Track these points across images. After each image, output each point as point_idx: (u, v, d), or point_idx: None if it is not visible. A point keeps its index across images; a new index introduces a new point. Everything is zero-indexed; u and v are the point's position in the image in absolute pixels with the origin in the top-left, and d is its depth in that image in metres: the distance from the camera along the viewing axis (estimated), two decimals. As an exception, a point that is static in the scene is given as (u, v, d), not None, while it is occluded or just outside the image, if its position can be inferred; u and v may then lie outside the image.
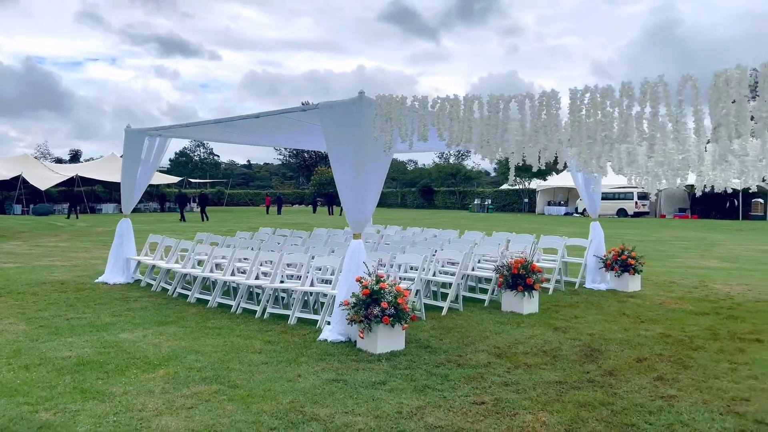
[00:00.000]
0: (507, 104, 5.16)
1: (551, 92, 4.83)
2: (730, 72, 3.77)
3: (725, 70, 3.78)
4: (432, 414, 4.41)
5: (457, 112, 5.45)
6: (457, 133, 5.47)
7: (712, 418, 4.40)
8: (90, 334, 6.70)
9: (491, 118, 5.23)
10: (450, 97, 5.53)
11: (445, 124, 5.55)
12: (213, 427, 4.12)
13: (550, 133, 4.79)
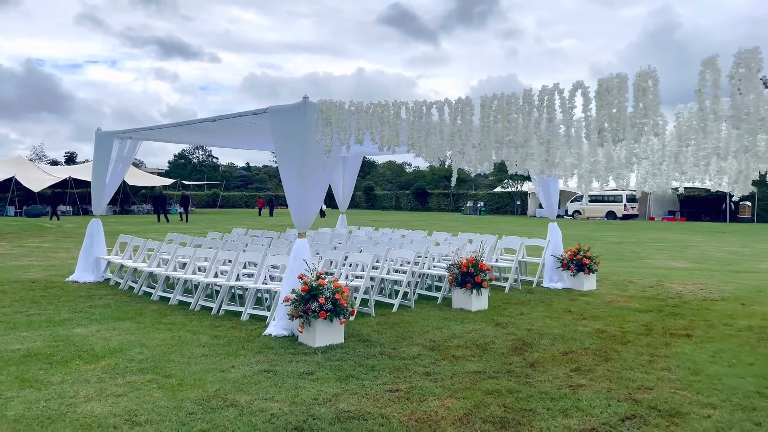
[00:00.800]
0: (429, 109, 5.45)
1: (466, 99, 5.12)
2: (611, 80, 4.05)
3: (607, 78, 4.06)
4: (346, 400, 4.69)
5: (387, 116, 5.75)
6: (387, 137, 5.77)
7: (608, 404, 4.68)
8: (45, 329, 6.98)
9: (414, 122, 5.52)
10: (381, 102, 5.82)
11: (377, 128, 5.84)
12: (134, 411, 4.40)
13: (464, 137, 5.07)
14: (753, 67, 3.48)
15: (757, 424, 4.32)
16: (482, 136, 4.91)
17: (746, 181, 4.92)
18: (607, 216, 44.19)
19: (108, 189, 10.74)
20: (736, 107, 3.49)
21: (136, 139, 10.76)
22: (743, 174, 4.96)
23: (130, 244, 10.74)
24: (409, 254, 8.71)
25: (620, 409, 4.56)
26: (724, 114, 3.57)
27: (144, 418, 4.28)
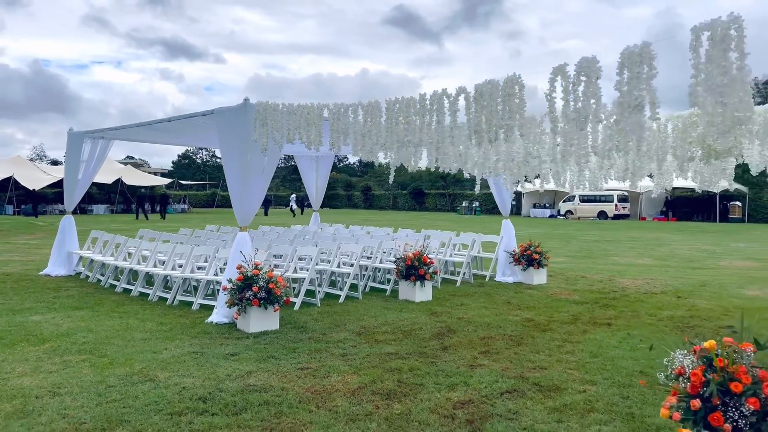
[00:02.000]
0: (346, 111, 5.89)
1: (375, 102, 5.56)
2: (484, 86, 4.47)
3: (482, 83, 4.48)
4: (256, 376, 5.13)
5: (312, 117, 6.19)
6: (313, 137, 6.21)
7: (496, 380, 5.11)
8: (5, 315, 7.45)
9: (334, 123, 5.96)
10: (307, 104, 6.27)
11: (304, 128, 6.28)
12: (59, 384, 4.85)
13: (374, 137, 5.51)
14: (592, 75, 3.90)
15: (624, 398, 4.74)
16: (386, 136, 5.36)
17: (633, 177, 5.34)
18: (598, 216, 44.46)
19: (80, 187, 11.21)
20: (578, 111, 3.91)
21: (107, 139, 11.23)
22: (629, 171, 5.37)
23: (100, 239, 11.21)
24: (357, 248, 9.15)
25: (504, 385, 4.99)
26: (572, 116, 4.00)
27: (66, 390, 4.73)
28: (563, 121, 4.04)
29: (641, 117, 3.73)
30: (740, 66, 3.29)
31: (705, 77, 3.35)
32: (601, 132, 4.16)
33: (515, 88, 4.34)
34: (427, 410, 4.39)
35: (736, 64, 3.31)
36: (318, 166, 14.53)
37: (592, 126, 3.99)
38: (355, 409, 4.39)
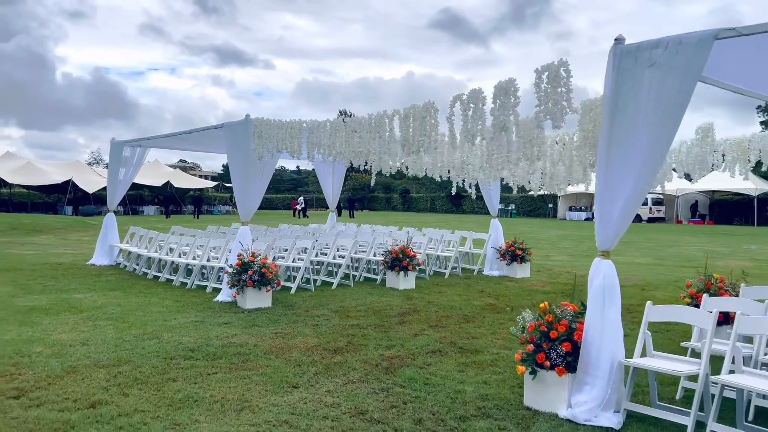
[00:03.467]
0: (318, 126, 7.21)
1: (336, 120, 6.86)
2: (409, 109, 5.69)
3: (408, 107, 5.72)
4: (238, 338, 6.50)
5: (294, 131, 7.55)
6: (295, 147, 7.57)
7: (427, 344, 6.30)
8: (52, 294, 9.10)
9: (309, 135, 7.29)
10: (290, 120, 7.63)
11: (287, 140, 7.63)
12: (88, 339, 6.33)
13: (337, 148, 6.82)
14: (478, 102, 5.06)
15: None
16: (345, 147, 6.65)
17: (551, 182, 6.47)
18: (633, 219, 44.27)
19: (120, 188, 12.94)
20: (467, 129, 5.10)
21: (144, 147, 12.93)
22: (548, 176, 6.50)
23: (137, 234, 12.90)
24: (349, 242, 10.46)
25: (433, 347, 6.20)
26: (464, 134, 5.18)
27: (92, 342, 6.21)
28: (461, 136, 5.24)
29: (510, 136, 4.91)
30: (567, 98, 4.44)
31: (544, 107, 4.50)
32: (484, 146, 5.33)
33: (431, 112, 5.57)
34: (360, 361, 5.65)
35: (565, 97, 4.45)
36: (334, 171, 15.90)
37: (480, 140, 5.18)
38: (304, 359, 5.69)
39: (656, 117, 3.97)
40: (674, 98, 3.91)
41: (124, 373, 5.16)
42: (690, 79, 3.86)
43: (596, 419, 4.13)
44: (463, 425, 4.13)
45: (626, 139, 4.10)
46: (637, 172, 4.08)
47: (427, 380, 5.10)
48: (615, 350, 4.25)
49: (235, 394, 4.66)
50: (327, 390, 4.82)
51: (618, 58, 4.13)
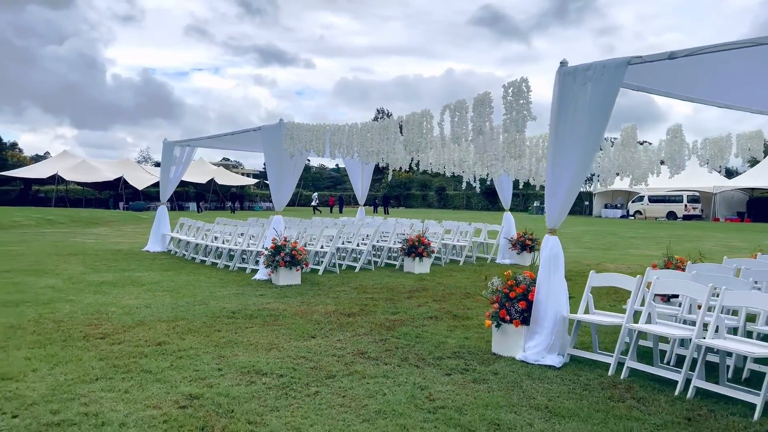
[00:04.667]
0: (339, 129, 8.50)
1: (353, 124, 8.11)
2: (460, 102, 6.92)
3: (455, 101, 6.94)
4: (271, 305, 7.85)
5: (319, 132, 8.86)
6: (320, 147, 8.89)
7: (427, 312, 7.51)
8: (116, 272, 10.69)
9: (332, 137, 8.60)
10: (315, 124, 8.95)
11: (313, 141, 8.96)
12: (149, 304, 7.79)
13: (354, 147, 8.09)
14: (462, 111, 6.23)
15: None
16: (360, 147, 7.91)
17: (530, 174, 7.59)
18: (667, 216, 44.13)
19: (171, 183, 14.56)
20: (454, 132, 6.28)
21: (192, 147, 14.50)
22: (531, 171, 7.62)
23: (186, 224, 14.49)
24: (371, 231, 11.75)
25: (431, 314, 7.41)
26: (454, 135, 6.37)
27: (153, 306, 7.66)
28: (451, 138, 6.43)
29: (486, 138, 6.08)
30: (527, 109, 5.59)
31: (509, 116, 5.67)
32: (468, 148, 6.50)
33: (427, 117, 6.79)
34: (368, 322, 6.92)
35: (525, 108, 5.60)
36: (363, 168, 17.18)
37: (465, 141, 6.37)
38: (322, 319, 6.99)
39: (588, 122, 5.10)
40: (600, 106, 5.04)
41: (180, 326, 6.57)
42: (611, 92, 4.98)
43: (542, 360, 5.29)
44: (439, 362, 5.35)
45: (566, 141, 5.23)
46: (574, 167, 5.21)
47: (418, 335, 6.33)
48: (559, 307, 5.40)
49: (266, 340, 6.00)
50: (338, 339, 6.11)
51: (561, 78, 5.27)
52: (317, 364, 5.23)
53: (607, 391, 4.63)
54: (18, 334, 6.05)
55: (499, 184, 13.30)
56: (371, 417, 4.02)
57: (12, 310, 7.26)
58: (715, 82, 5.89)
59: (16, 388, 4.43)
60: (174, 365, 5.09)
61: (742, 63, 4.93)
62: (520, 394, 4.54)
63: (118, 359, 5.23)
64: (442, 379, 4.88)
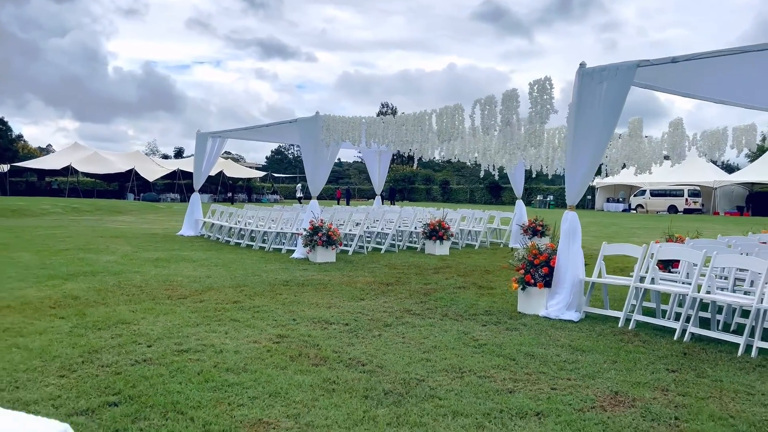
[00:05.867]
0: (373, 122, 9.47)
1: (389, 117, 9.07)
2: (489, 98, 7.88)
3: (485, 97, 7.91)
4: (316, 277, 8.85)
5: (356, 124, 9.84)
6: (356, 137, 9.86)
7: (456, 283, 8.51)
8: (164, 252, 11.70)
9: (369, 128, 9.58)
10: (351, 117, 9.93)
11: (350, 132, 9.94)
12: (209, 275, 8.79)
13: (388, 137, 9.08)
14: (492, 105, 7.21)
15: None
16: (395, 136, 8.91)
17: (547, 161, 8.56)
18: (668, 210, 45.03)
19: (204, 172, 15.55)
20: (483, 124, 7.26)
21: (223, 138, 15.48)
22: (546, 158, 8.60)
23: (218, 210, 15.49)
24: (395, 216, 12.74)
25: (459, 285, 8.41)
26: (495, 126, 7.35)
27: (214, 276, 8.67)
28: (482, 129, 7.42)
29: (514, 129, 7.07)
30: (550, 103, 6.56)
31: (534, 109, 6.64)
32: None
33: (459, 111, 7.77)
34: (406, 290, 7.92)
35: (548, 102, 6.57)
36: (380, 159, 18.17)
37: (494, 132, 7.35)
38: (366, 287, 7.99)
39: (603, 114, 6.08)
40: (614, 101, 6.02)
41: (245, 290, 7.58)
42: (624, 89, 5.96)
43: (563, 315, 6.29)
44: (474, 317, 6.35)
45: (583, 133, 6.22)
46: (591, 153, 6.20)
47: (452, 299, 7.34)
48: (576, 271, 6.40)
49: (323, 301, 7.01)
50: (384, 301, 7.11)
51: (580, 77, 6.25)
52: (373, 317, 6.23)
53: (618, 337, 5.63)
54: (110, 295, 7.06)
55: (512, 174, 14.28)
56: (429, 350, 5.02)
57: (92, 278, 8.27)
58: (713, 82, 6.85)
59: (138, 329, 5.44)
60: (255, 317, 6.10)
61: (737, 64, 5.89)
62: (547, 337, 5.54)
63: (207, 313, 6.24)
64: (479, 328, 5.88)
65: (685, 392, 4.09)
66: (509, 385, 4.13)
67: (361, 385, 4.06)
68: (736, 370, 4.64)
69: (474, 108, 7.48)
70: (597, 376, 4.42)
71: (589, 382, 4.27)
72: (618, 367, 4.64)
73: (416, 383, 4.13)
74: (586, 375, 4.43)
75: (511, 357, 4.85)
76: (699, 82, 6.79)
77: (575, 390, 4.07)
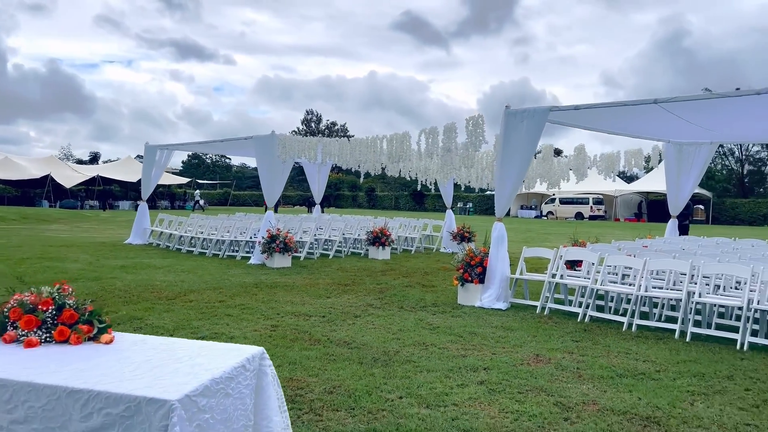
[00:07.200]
0: (329, 143, 10.81)
1: (343, 139, 10.44)
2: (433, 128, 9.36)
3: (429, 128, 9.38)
4: (280, 280, 10.03)
5: (310, 143, 11.11)
6: (311, 155, 11.13)
7: (402, 283, 9.98)
8: (125, 259, 12.42)
9: (325, 147, 10.88)
10: (306, 138, 11.19)
11: (305, 149, 11.20)
12: (181, 280, 9.75)
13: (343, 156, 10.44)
14: (436, 135, 8.74)
15: (462, 289, 9.60)
16: (349, 156, 10.27)
17: (478, 181, 10.21)
18: (576, 216, 48.92)
19: (152, 183, 16.22)
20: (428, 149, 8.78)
21: (170, 150, 16.21)
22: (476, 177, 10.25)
23: (166, 219, 16.18)
24: (342, 225, 14.08)
25: (406, 284, 9.87)
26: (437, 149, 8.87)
27: (186, 281, 9.64)
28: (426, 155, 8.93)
29: (452, 154, 8.62)
30: (482, 135, 8.16)
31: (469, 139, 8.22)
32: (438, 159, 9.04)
33: (407, 137, 9.27)
34: (363, 289, 9.28)
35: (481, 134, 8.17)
36: (320, 170, 19.41)
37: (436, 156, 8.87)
38: (328, 288, 9.29)
39: (523, 147, 7.74)
40: (532, 135, 7.70)
41: (224, 291, 8.68)
42: (539, 126, 7.65)
43: (494, 305, 7.88)
44: (424, 308, 7.81)
45: (509, 159, 7.85)
46: (513, 177, 7.84)
47: (403, 295, 8.78)
48: (504, 270, 8.02)
49: (296, 299, 8.25)
50: (347, 298, 8.45)
51: (506, 116, 7.89)
52: (342, 310, 7.56)
53: (536, 319, 7.27)
54: (104, 298, 7.96)
55: (444, 187, 15.99)
56: (397, 332, 6.42)
57: (74, 284, 9.01)
58: (606, 121, 8.73)
59: (151, 323, 6.48)
60: (244, 312, 7.26)
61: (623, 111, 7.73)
62: (484, 321, 7.09)
63: (201, 310, 7.33)
64: (431, 316, 7.35)
65: (584, 353, 5.73)
66: (462, 353, 5.61)
67: (354, 356, 5.40)
68: (620, 340, 6.36)
69: (420, 136, 9.00)
70: (523, 345, 5.99)
71: (518, 349, 5.83)
72: (537, 339, 6.24)
73: (394, 353, 5.52)
74: (515, 345, 5.99)
75: (459, 335, 6.34)
76: (596, 122, 8.64)
77: (509, 354, 5.61)
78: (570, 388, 4.67)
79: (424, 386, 4.59)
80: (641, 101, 6.92)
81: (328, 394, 4.39)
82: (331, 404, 4.19)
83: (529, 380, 4.82)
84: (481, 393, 4.49)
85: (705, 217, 46.86)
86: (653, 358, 5.65)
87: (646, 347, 6.06)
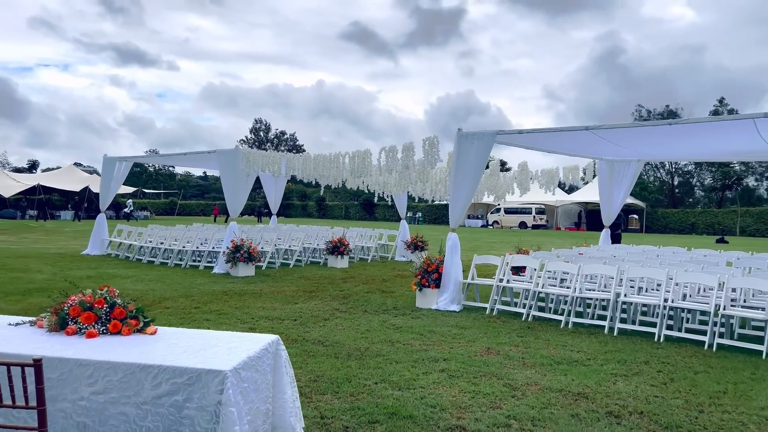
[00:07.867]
0: (293, 158, 11.48)
1: (307, 154, 11.17)
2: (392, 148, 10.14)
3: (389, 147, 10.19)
4: (246, 288, 10.59)
5: (273, 157, 11.75)
6: (274, 168, 11.76)
7: (363, 290, 10.73)
8: (88, 270, 12.65)
9: (288, 162, 11.54)
10: (269, 153, 11.83)
11: (268, 163, 11.82)
12: (152, 288, 10.18)
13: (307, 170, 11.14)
14: (396, 153, 9.57)
15: (419, 294, 10.43)
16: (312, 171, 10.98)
17: (432, 194, 11.11)
18: (519, 226, 50.93)
19: (111, 194, 16.40)
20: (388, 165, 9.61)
21: (129, 162, 16.44)
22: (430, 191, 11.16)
23: (125, 230, 16.37)
24: (301, 235, 14.72)
25: (367, 291, 10.63)
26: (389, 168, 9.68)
27: (157, 289, 10.08)
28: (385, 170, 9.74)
29: (410, 171, 9.47)
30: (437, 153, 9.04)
31: (425, 157, 9.08)
32: (397, 175, 9.88)
33: (368, 155, 10.07)
34: (327, 295, 9.98)
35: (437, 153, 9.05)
36: (276, 181, 19.94)
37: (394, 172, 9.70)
38: (294, 295, 9.93)
39: (474, 163, 8.66)
40: (481, 155, 8.63)
41: (196, 299, 9.20)
42: (488, 147, 8.60)
43: (448, 307, 8.74)
44: (386, 311, 8.58)
45: (461, 176, 8.76)
46: (465, 192, 8.75)
47: (366, 300, 9.54)
48: (457, 275, 8.90)
49: (267, 305, 8.87)
50: (314, 303, 9.13)
51: (458, 138, 8.80)
52: (312, 314, 8.25)
53: (486, 319, 8.17)
54: (83, 306, 8.34)
55: (399, 199, 16.86)
56: (364, 332, 7.17)
57: (46, 293, 9.35)
58: (546, 142, 9.79)
59: (138, 328, 6.97)
60: (221, 317, 7.85)
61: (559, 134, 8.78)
62: (440, 321, 7.93)
63: (179, 316, 7.87)
64: (393, 318, 8.14)
65: (528, 346, 6.64)
66: (424, 348, 6.42)
67: (330, 352, 6.12)
68: (558, 335, 7.32)
69: (380, 153, 9.82)
70: (476, 340, 6.85)
71: (471, 344, 6.68)
72: (488, 336, 7.13)
73: (365, 349, 6.27)
74: (469, 340, 6.84)
75: (421, 333, 7.15)
76: (537, 143, 9.69)
77: (464, 348, 6.46)
78: (516, 373, 5.55)
79: (394, 374, 5.37)
80: (575, 128, 7.98)
81: (313, 382, 5.10)
82: (317, 389, 4.90)
83: (482, 368, 5.67)
84: (443, 378, 5.30)
85: (639, 226, 49.61)
86: (585, 349, 6.62)
87: (580, 341, 7.03)
